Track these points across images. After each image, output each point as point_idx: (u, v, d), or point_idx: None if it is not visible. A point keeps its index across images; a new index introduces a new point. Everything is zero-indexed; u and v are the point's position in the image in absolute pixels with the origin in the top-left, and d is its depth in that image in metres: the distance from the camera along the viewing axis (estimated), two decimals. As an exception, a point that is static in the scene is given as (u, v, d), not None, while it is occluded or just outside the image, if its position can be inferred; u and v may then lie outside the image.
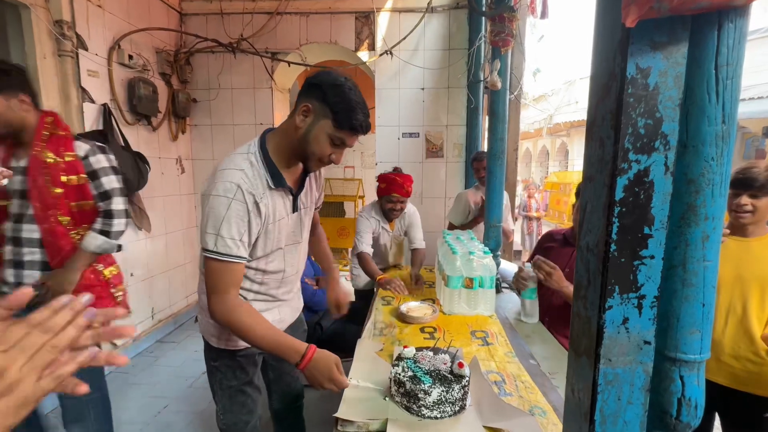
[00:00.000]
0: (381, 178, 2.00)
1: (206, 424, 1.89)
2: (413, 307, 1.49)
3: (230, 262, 0.90)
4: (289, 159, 0.98)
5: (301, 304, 1.26)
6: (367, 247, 1.94)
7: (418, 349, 0.97)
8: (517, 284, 1.49)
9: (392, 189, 1.95)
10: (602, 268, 0.55)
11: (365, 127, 0.93)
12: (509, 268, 2.66)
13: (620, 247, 0.53)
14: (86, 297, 0.44)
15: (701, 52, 0.50)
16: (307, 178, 1.07)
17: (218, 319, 0.92)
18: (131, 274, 2.66)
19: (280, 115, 3.37)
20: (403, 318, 1.41)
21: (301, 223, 1.10)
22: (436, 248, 1.85)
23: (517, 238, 8.80)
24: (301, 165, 1.03)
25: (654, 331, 0.56)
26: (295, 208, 1.05)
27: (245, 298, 1.03)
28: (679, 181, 0.53)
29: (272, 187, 0.95)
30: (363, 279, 2.10)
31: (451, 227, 2.58)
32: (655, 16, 0.44)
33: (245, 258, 0.93)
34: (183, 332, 3.03)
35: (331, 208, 5.56)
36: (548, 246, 1.80)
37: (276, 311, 1.11)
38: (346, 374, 0.94)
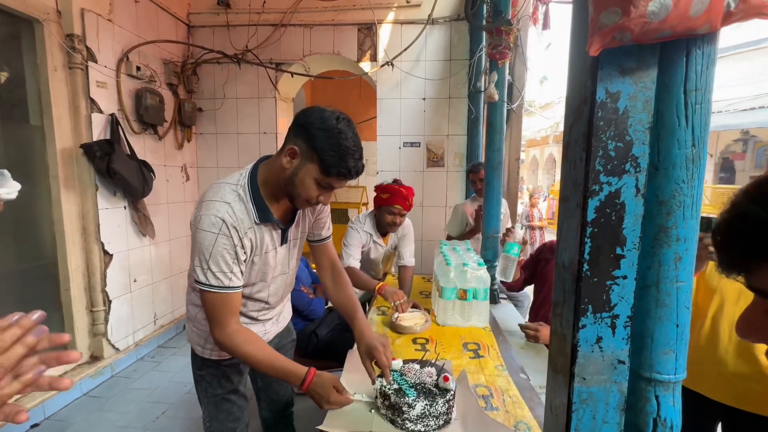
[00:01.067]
0: (383, 189, 1.89)
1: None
2: (405, 316, 1.49)
3: (224, 293, 0.90)
4: (277, 195, 0.96)
5: (288, 314, 1.25)
6: (355, 262, 1.84)
7: (406, 362, 0.97)
8: (503, 238, 1.53)
9: (395, 200, 1.85)
10: (575, 287, 0.55)
11: (355, 173, 0.89)
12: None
13: (593, 267, 0.54)
14: (37, 314, 0.42)
15: (670, 77, 0.51)
16: (299, 213, 1.05)
17: (221, 347, 0.93)
18: (134, 280, 2.69)
19: (284, 122, 3.42)
20: (394, 327, 1.41)
21: (289, 255, 1.08)
22: (433, 257, 1.86)
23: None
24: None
25: (628, 351, 0.56)
26: (284, 241, 1.02)
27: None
28: (651, 203, 0.53)
29: (258, 222, 0.93)
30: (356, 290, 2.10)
31: (450, 238, 2.58)
32: (618, 45, 0.45)
33: (239, 286, 0.92)
34: (183, 338, 3.05)
35: (335, 215, 5.57)
36: (544, 258, 1.81)
37: (260, 325, 1.11)
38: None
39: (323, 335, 1.85)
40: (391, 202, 1.87)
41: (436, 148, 3.16)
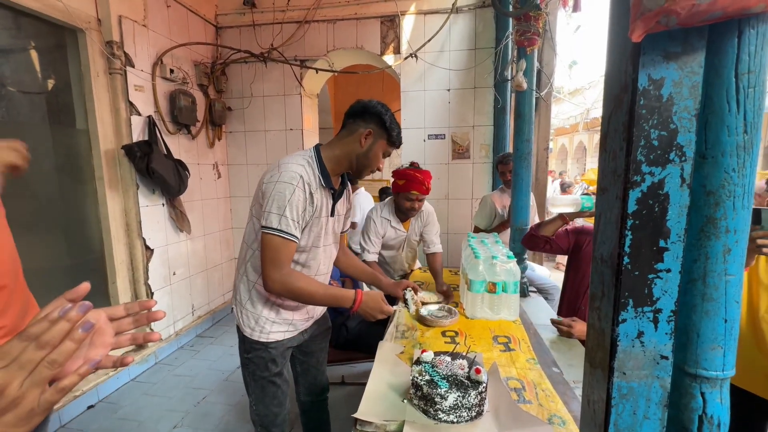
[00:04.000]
0: (398, 174, 1.88)
1: (240, 416, 2.00)
2: (432, 309, 1.51)
3: (289, 239, 1.05)
4: (338, 168, 1.17)
5: None
6: (372, 256, 1.84)
7: (437, 354, 0.98)
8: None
9: (411, 186, 1.84)
10: (615, 280, 0.54)
11: (401, 143, 1.20)
12: (539, 271, 2.60)
13: (634, 260, 0.52)
14: (84, 305, 0.42)
15: (720, 60, 0.48)
16: (345, 191, 1.23)
17: (276, 288, 1.05)
18: (174, 273, 2.85)
19: (309, 118, 3.47)
20: (422, 320, 1.43)
21: (334, 229, 1.23)
22: (460, 250, 1.85)
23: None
24: (339, 178, 1.21)
25: (672, 346, 0.54)
26: (332, 213, 1.18)
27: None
28: (698, 193, 0.51)
29: (323, 185, 1.11)
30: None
31: (477, 230, 2.56)
32: (663, 29, 0.43)
33: (298, 239, 1.08)
34: (220, 328, 3.20)
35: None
36: (582, 240, 1.73)
37: (306, 309, 1.22)
38: (367, 376, 1.03)
39: (353, 327, 1.89)
40: (408, 188, 1.86)
41: (462, 140, 3.12)
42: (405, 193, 1.87)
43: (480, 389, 0.85)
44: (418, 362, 0.96)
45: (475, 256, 1.46)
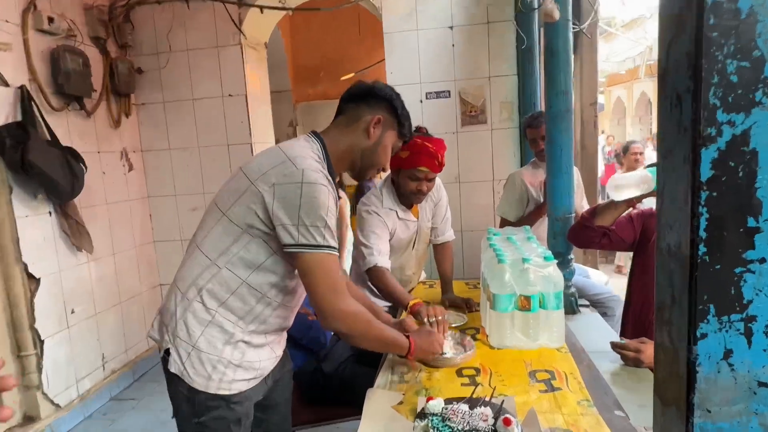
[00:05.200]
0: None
1: None
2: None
3: (335, 253, 1.14)
4: (340, 167, 1.30)
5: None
6: (384, 259, 1.88)
7: (449, 401, 0.98)
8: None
9: (419, 160, 1.86)
10: (689, 280, 0.54)
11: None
12: (593, 277, 2.62)
13: (713, 249, 0.52)
14: None
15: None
16: (340, 200, 1.36)
17: (347, 324, 1.17)
18: (72, 311, 2.81)
19: (256, 79, 3.45)
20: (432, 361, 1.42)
21: None
22: (478, 254, 1.85)
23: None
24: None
25: (773, 368, 0.55)
26: None
27: (240, 327, 1.18)
28: (798, 148, 0.51)
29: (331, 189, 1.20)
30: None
31: (504, 223, 2.57)
32: None
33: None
34: (145, 386, 3.17)
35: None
36: (652, 226, 1.74)
37: (270, 348, 1.26)
38: None
39: (331, 372, 1.88)
40: (414, 163, 1.87)
41: (474, 97, 3.13)
42: (410, 170, 1.89)
43: (512, 447, 0.84)
44: (422, 415, 0.95)
45: (499, 261, 1.46)
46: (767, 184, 0.51)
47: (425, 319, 1.53)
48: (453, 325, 1.70)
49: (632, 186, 1.65)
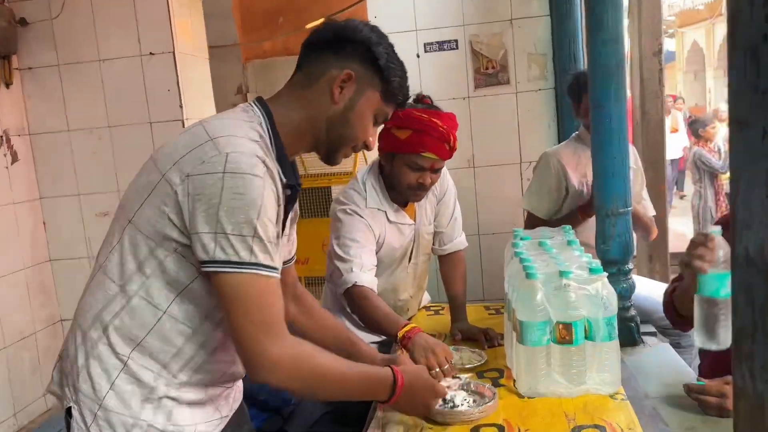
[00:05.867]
0: (399, 119, 1.90)
1: None
2: (456, 390, 1.53)
3: (275, 277, 1.12)
4: (298, 145, 1.29)
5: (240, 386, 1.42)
6: (369, 276, 1.91)
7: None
8: (692, 259, 1.52)
9: (424, 142, 1.89)
10: (776, 298, 0.55)
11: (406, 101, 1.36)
12: (655, 293, 2.63)
13: None
14: None
15: None
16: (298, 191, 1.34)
17: (284, 373, 1.13)
18: (-63, 361, 2.78)
19: (186, 28, 3.42)
20: (440, 416, 1.43)
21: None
22: (502, 266, 1.86)
23: (679, 227, 8.67)
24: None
25: None
26: (283, 230, 1.27)
27: (164, 378, 1.16)
28: None
29: (284, 180, 1.19)
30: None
31: (532, 222, 2.59)
32: None
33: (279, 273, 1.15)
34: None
35: (307, 199, 5.64)
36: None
37: (214, 406, 1.26)
38: None
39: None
40: (416, 146, 1.90)
41: (491, 49, 3.16)
42: (410, 155, 1.92)
43: None
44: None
45: (527, 275, 1.48)
46: None
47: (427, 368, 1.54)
48: (467, 367, 1.72)
49: (704, 326, 1.59)
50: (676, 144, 10.24)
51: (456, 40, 3.18)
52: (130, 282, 1.14)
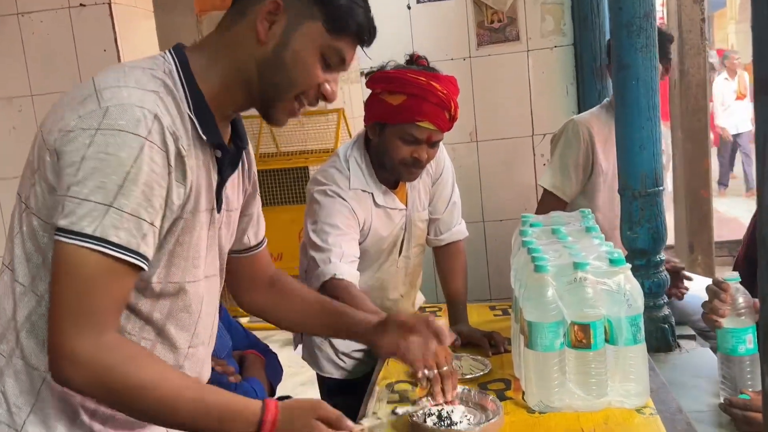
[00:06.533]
0: (391, 82, 1.97)
1: None
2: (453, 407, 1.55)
3: (126, 259, 1.05)
4: (228, 102, 1.23)
5: None
6: (349, 268, 1.95)
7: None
8: (709, 315, 1.60)
9: (421, 109, 1.92)
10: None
11: (373, 31, 1.24)
12: (695, 289, 2.67)
13: None
14: None
15: None
16: (245, 154, 1.34)
17: (81, 376, 1.05)
18: None
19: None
20: (421, 431, 1.47)
21: (221, 240, 1.33)
22: (511, 256, 1.90)
23: (728, 209, 8.67)
24: (230, 123, 1.29)
25: None
26: (218, 203, 1.26)
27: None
28: None
29: (204, 138, 1.17)
30: (349, 358, 2.20)
31: (551, 204, 2.61)
32: None
33: (146, 262, 1.09)
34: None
35: (282, 183, 5.63)
36: None
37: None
38: None
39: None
40: (412, 114, 1.92)
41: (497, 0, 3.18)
42: (403, 125, 1.94)
43: None
44: None
45: (536, 268, 1.50)
46: None
47: (418, 373, 1.54)
48: (468, 377, 1.75)
49: (729, 380, 1.66)
50: (743, 114, 9.83)
51: (454, -14, 3.17)
52: (36, 279, 1.14)
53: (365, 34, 1.22)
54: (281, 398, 2.20)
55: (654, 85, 2.00)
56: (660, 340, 2.05)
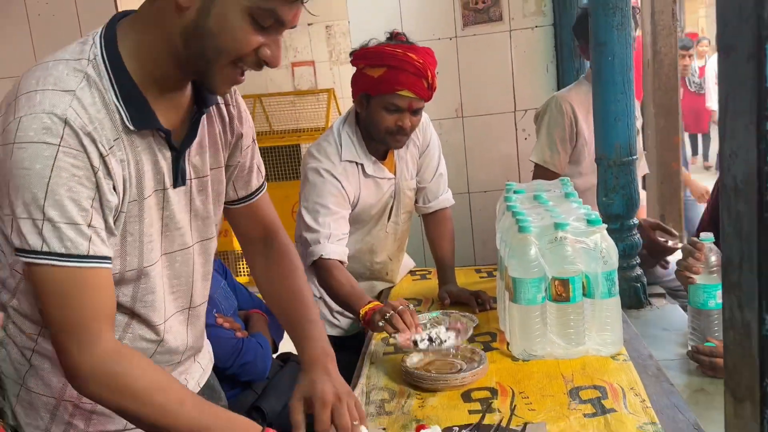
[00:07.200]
0: (371, 56, 2.04)
1: None
2: (433, 354, 1.63)
3: (84, 266, 1.03)
4: (166, 75, 1.13)
5: (209, 358, 1.49)
6: (338, 248, 2.01)
7: (449, 431, 1.08)
8: (680, 270, 1.67)
9: (400, 79, 1.96)
10: (758, 224, 0.63)
11: None
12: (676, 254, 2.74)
13: None
14: None
15: None
16: (203, 118, 1.24)
17: (98, 390, 1.06)
18: None
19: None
20: (414, 379, 1.53)
21: (193, 209, 1.28)
22: (495, 227, 1.95)
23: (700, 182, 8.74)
24: (189, 89, 1.20)
25: None
26: (179, 177, 1.20)
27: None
28: None
29: (131, 127, 1.09)
30: (343, 317, 2.25)
31: (544, 176, 2.61)
32: None
33: (107, 258, 1.07)
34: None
35: (275, 160, 5.62)
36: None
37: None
38: None
39: (274, 410, 1.96)
40: (392, 84, 1.96)
41: (481, -19, 3.20)
42: (385, 95, 1.99)
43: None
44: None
45: (520, 229, 1.55)
46: None
47: (379, 323, 1.66)
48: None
49: (698, 331, 1.73)
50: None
51: (441, -29, 3.18)
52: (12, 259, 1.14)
53: None
54: (282, 355, 2.29)
55: (629, 61, 2.04)
56: (633, 297, 2.11)
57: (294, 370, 2.10)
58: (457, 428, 1.12)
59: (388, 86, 1.96)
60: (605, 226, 1.58)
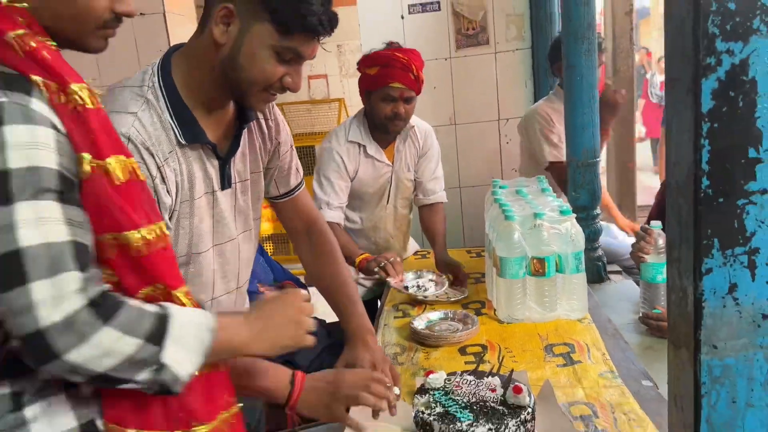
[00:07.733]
0: (366, 61, 2.16)
1: None
2: (434, 317, 1.73)
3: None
4: (211, 98, 1.18)
5: None
6: (335, 213, 2.13)
7: (452, 375, 1.17)
8: (634, 251, 1.77)
9: (390, 75, 2.07)
10: (694, 214, 0.70)
11: (328, 22, 1.10)
12: (628, 240, 2.83)
13: (716, 182, 0.67)
14: None
15: None
16: (245, 131, 1.28)
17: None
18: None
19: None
20: (420, 337, 1.63)
21: (237, 207, 1.32)
22: (482, 216, 2.05)
23: (647, 180, 8.75)
24: (231, 108, 1.25)
25: (778, 300, 0.71)
26: (224, 181, 1.25)
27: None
28: (799, 75, 0.67)
29: (183, 142, 1.14)
30: (360, 285, 2.30)
31: (560, 168, 2.65)
32: None
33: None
34: None
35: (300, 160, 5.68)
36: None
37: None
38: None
39: (303, 366, 2.04)
40: (385, 79, 2.07)
41: (472, 9, 3.25)
42: (381, 89, 2.10)
43: (523, 416, 1.04)
44: (423, 391, 1.14)
45: (506, 217, 1.64)
46: (767, 113, 0.68)
47: (375, 269, 1.82)
48: (452, 300, 1.90)
49: (648, 301, 1.81)
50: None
51: (438, 2, 3.25)
52: None
53: (318, 28, 1.09)
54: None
55: (594, 81, 2.12)
56: (595, 274, 2.19)
57: (320, 331, 2.18)
58: (459, 372, 1.18)
59: (383, 80, 2.07)
60: (574, 215, 1.66)
